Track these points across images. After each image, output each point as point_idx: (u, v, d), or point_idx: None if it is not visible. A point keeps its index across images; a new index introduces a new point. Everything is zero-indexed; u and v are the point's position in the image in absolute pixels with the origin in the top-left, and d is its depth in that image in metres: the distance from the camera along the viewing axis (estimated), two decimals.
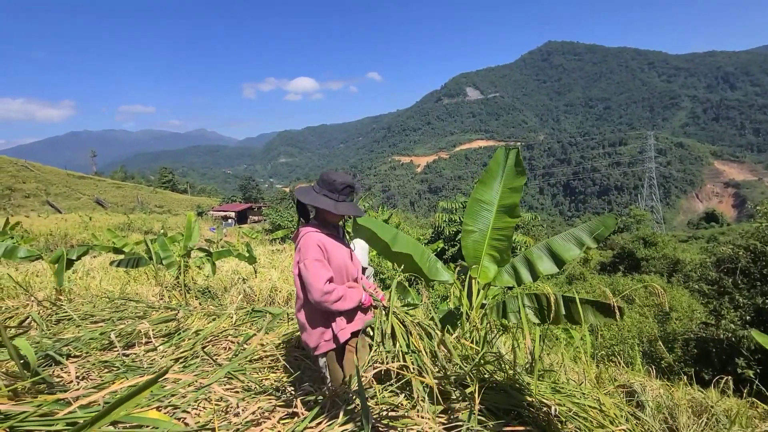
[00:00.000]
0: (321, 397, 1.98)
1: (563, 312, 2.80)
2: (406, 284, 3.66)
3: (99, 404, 1.75)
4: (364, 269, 2.99)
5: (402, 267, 2.92)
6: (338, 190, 2.13)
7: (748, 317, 7.54)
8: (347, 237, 2.57)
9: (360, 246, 3.16)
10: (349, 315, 2.17)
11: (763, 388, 3.31)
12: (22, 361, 2.01)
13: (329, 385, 2.27)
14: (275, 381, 2.61)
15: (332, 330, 2.12)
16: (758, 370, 6.81)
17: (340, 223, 2.35)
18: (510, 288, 3.65)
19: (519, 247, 13.47)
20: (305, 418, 1.80)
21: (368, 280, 2.88)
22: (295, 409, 1.89)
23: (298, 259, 2.06)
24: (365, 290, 2.26)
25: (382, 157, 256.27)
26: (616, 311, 2.64)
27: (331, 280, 2.03)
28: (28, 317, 3.54)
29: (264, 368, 2.75)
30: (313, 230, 2.11)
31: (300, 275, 2.05)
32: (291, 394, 2.33)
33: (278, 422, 1.89)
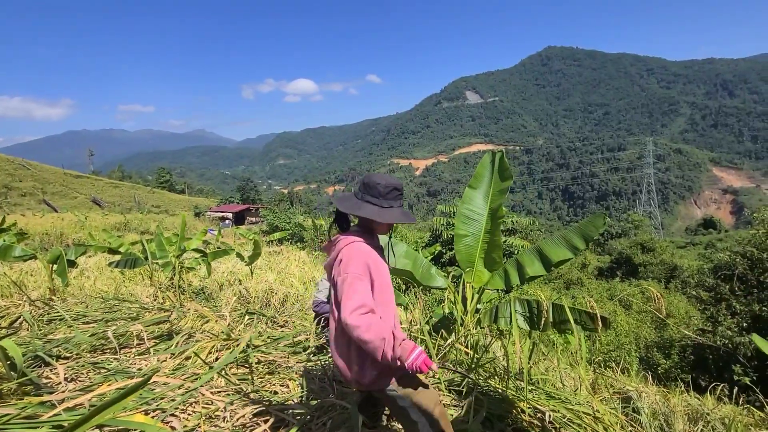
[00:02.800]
0: (313, 403, 1.95)
1: (551, 320, 2.79)
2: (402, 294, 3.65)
3: (85, 407, 1.72)
4: None
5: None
6: (383, 194, 1.81)
7: (744, 324, 7.53)
8: (391, 248, 2.21)
9: None
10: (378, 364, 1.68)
11: (760, 396, 3.29)
12: (9, 362, 1.98)
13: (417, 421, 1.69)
14: (269, 385, 2.58)
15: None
16: (755, 377, 6.79)
17: (388, 233, 2.00)
18: (506, 292, 3.64)
19: (516, 251, 13.47)
20: (294, 426, 1.77)
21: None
22: (285, 416, 1.86)
23: (337, 272, 1.71)
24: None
25: (381, 160, 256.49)
26: (599, 322, 2.63)
27: (372, 311, 1.62)
28: (19, 317, 3.50)
29: (257, 372, 2.71)
30: (359, 240, 1.79)
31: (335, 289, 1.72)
32: (283, 399, 2.30)
33: (268, 428, 1.86)
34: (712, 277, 8.92)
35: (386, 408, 1.80)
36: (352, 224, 1.93)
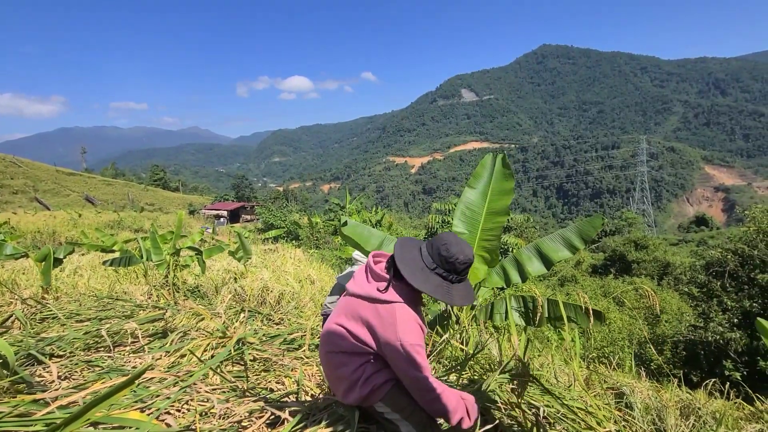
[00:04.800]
0: (307, 402, 1.95)
1: (546, 315, 2.81)
2: None
3: (79, 404, 1.71)
4: None
5: None
6: (458, 271, 1.63)
7: (735, 320, 7.63)
8: None
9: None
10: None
11: (750, 390, 3.34)
12: (0, 361, 1.96)
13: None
14: (265, 383, 2.58)
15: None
16: (745, 372, 6.89)
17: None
18: (501, 289, 3.65)
19: (511, 249, 13.53)
20: (290, 423, 1.77)
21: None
22: (281, 413, 1.86)
23: (383, 329, 1.58)
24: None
25: (377, 158, 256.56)
26: (590, 316, 2.66)
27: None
28: (11, 315, 3.47)
29: (252, 370, 2.71)
30: (407, 306, 1.63)
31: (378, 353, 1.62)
32: (279, 396, 2.30)
33: (263, 425, 1.86)
34: (704, 274, 9.03)
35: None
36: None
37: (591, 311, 2.68)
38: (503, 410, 2.13)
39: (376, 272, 1.68)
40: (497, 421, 1.99)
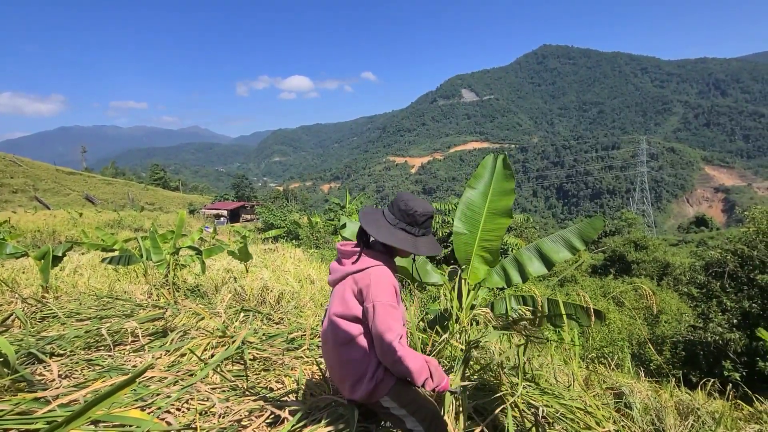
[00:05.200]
0: (307, 401, 1.96)
1: (547, 314, 2.82)
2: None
3: (80, 403, 1.71)
4: None
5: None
6: (419, 222, 1.73)
7: (735, 320, 7.64)
8: (416, 269, 2.20)
9: None
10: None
11: (749, 391, 3.35)
12: (1, 359, 1.97)
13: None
14: (264, 382, 2.58)
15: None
16: (744, 373, 6.90)
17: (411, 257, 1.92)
18: (501, 289, 3.66)
19: (510, 249, 13.52)
20: (290, 422, 1.78)
21: None
22: (281, 412, 1.87)
23: (360, 294, 1.66)
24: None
25: (377, 158, 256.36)
26: (592, 315, 2.67)
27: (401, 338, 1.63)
28: (11, 314, 3.47)
29: (252, 369, 2.72)
30: (383, 266, 1.71)
31: (352, 316, 1.67)
32: (279, 396, 2.31)
33: (263, 424, 1.87)
34: (704, 275, 9.03)
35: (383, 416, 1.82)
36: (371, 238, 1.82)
37: (592, 311, 2.69)
38: (502, 409, 2.14)
39: (345, 251, 1.75)
40: (495, 415, 1.99)
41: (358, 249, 1.73)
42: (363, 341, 1.67)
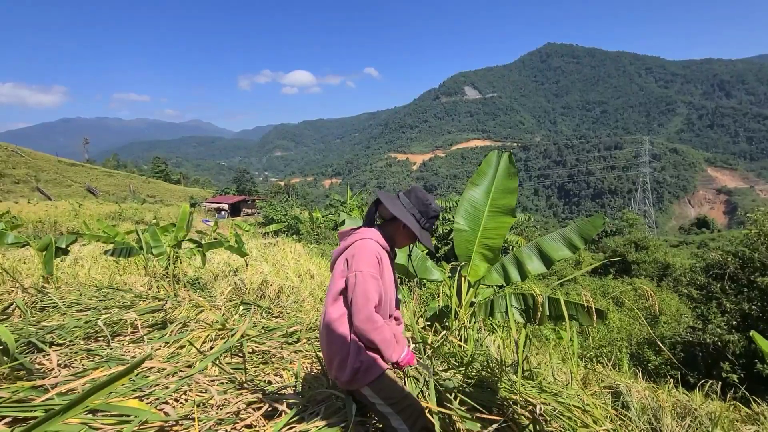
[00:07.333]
0: (305, 394, 1.96)
1: (547, 313, 2.82)
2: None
3: (78, 392, 1.72)
4: None
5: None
6: (429, 216, 1.84)
7: (734, 322, 7.63)
8: (412, 264, 2.30)
9: None
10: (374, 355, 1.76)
11: (747, 393, 3.35)
12: (1, 348, 1.97)
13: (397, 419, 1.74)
14: (263, 375, 2.59)
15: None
16: (742, 375, 6.90)
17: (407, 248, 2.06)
18: (501, 287, 3.66)
19: (511, 247, 13.52)
20: (288, 414, 1.78)
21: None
22: (278, 405, 1.87)
23: (346, 266, 1.72)
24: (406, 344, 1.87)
25: (379, 154, 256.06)
26: (593, 314, 2.66)
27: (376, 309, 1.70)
28: (11, 304, 3.48)
29: (251, 362, 2.72)
30: (373, 239, 1.77)
31: (343, 285, 1.72)
32: (277, 389, 2.31)
33: (261, 417, 1.87)
34: (704, 276, 9.01)
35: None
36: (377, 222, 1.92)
37: (593, 309, 2.68)
38: (501, 407, 2.14)
39: (343, 231, 1.89)
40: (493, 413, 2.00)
41: (354, 227, 1.86)
42: (348, 319, 1.72)
